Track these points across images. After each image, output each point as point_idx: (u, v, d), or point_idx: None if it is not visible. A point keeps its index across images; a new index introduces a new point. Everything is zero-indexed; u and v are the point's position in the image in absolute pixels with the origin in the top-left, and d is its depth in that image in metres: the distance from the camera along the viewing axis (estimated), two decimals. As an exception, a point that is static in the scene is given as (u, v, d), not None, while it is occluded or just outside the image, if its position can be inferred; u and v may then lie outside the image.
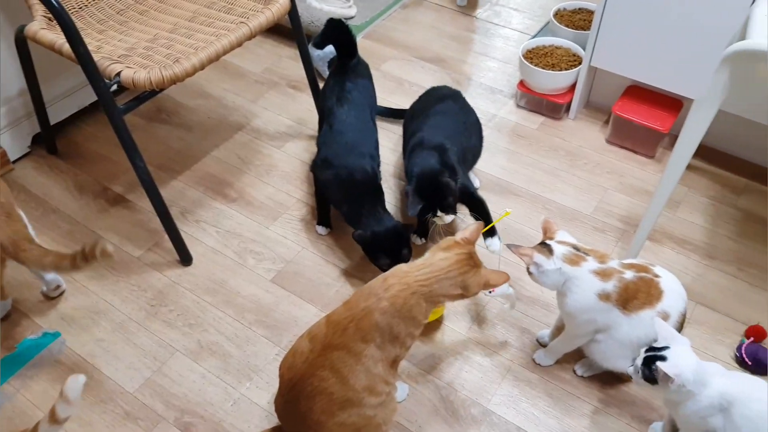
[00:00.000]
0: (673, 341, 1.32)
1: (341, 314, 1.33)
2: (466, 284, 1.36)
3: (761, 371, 1.66)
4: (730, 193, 2.12)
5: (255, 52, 2.68)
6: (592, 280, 1.44)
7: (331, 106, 1.92)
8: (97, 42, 1.80)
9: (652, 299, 1.44)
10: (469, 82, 2.56)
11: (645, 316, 1.43)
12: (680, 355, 1.29)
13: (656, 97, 2.19)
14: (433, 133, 1.85)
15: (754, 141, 2.13)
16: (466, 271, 1.36)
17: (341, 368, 1.29)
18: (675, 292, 1.46)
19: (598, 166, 2.22)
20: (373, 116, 1.98)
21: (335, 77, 1.99)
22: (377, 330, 1.30)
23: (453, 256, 1.36)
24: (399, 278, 1.34)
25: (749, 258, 1.92)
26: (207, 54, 1.69)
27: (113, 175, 2.17)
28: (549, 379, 1.66)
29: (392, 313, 1.30)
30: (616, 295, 1.43)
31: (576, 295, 1.45)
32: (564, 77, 2.27)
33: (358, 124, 1.90)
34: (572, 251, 1.46)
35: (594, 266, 1.45)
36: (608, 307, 1.45)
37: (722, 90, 1.45)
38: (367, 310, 1.31)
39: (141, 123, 2.37)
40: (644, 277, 1.46)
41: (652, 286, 1.45)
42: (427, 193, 1.72)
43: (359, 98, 1.93)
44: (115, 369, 1.68)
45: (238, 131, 2.35)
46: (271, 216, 2.06)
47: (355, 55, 1.99)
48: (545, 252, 1.45)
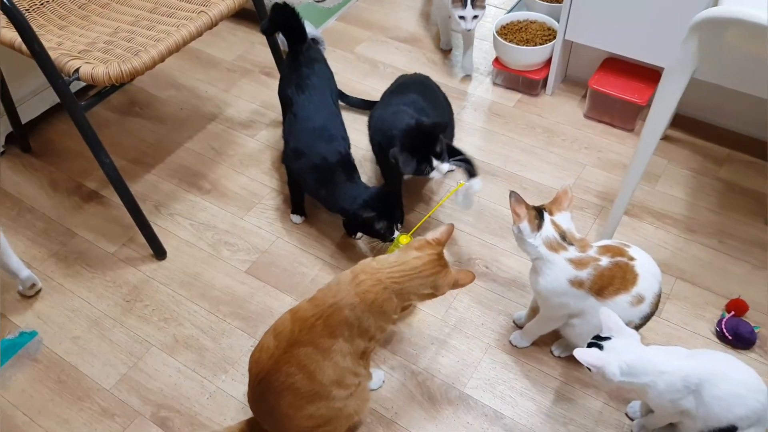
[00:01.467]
0: (617, 333, 1.30)
1: (307, 311, 1.32)
2: (436, 284, 1.37)
3: (742, 346, 1.64)
4: (711, 164, 2.08)
5: (227, 39, 2.65)
6: (566, 267, 1.42)
7: (291, 94, 1.88)
8: (58, 38, 1.78)
9: (627, 284, 1.42)
10: (444, 62, 2.52)
11: (620, 301, 1.42)
12: (616, 348, 1.28)
13: (633, 68, 2.15)
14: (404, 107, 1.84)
15: (733, 108, 2.10)
16: (437, 272, 1.36)
17: (308, 364, 1.28)
18: (650, 273, 1.44)
19: (576, 141, 2.18)
20: (334, 99, 1.95)
21: (290, 65, 1.95)
22: (346, 325, 1.29)
23: (425, 256, 1.36)
24: (370, 274, 1.33)
25: (730, 230, 1.90)
26: (167, 45, 1.65)
27: (87, 172, 2.15)
28: (526, 361, 1.64)
29: (362, 308, 1.30)
30: (590, 282, 1.41)
31: (548, 277, 1.43)
32: (539, 52, 2.22)
33: (322, 109, 1.87)
34: (557, 238, 1.43)
35: (572, 255, 1.43)
36: (582, 294, 1.43)
37: (692, 58, 1.42)
38: (336, 307, 1.30)
39: (113, 117, 2.35)
40: (619, 262, 1.43)
41: (628, 271, 1.42)
42: (416, 147, 1.69)
43: (318, 83, 1.89)
44: (91, 366, 1.68)
45: (211, 121, 2.33)
46: (246, 206, 2.04)
47: (305, 41, 1.95)
48: (534, 223, 1.43)
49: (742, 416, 1.27)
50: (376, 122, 1.88)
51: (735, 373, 1.30)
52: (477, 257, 1.87)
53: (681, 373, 1.27)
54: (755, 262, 1.81)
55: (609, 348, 1.28)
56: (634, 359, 1.27)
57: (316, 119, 1.84)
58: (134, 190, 1.81)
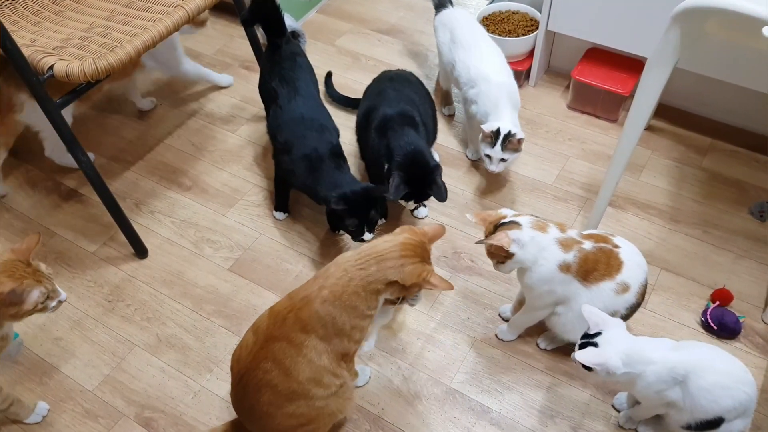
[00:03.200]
0: (605, 326, 1.29)
1: (282, 305, 1.30)
2: (404, 271, 1.24)
3: (727, 335, 1.65)
4: (694, 153, 2.08)
5: (207, 33, 2.61)
6: (556, 250, 1.41)
7: (274, 87, 1.86)
8: (32, 35, 1.74)
9: (612, 270, 1.41)
10: (426, 53, 2.50)
11: (604, 288, 1.41)
12: (610, 341, 1.27)
13: (616, 59, 2.15)
14: (392, 104, 1.82)
15: (716, 98, 2.10)
16: (408, 256, 1.26)
17: (283, 360, 1.26)
18: (635, 263, 1.44)
19: (559, 133, 2.17)
20: (317, 90, 1.92)
21: (270, 59, 1.92)
22: (318, 320, 1.26)
23: (398, 239, 1.28)
24: (339, 265, 1.28)
25: (714, 220, 1.90)
26: (142, 41, 1.62)
27: (65, 170, 2.11)
28: (512, 354, 1.64)
29: (332, 302, 1.25)
30: (576, 266, 1.41)
31: (541, 267, 1.42)
32: (521, 43, 2.21)
33: (309, 100, 1.85)
34: (534, 220, 1.42)
35: (557, 234, 1.42)
36: (568, 279, 1.42)
37: (674, 48, 1.41)
38: (307, 300, 1.26)
39: (92, 114, 2.31)
40: (604, 248, 1.43)
41: (612, 257, 1.42)
42: (413, 179, 1.69)
43: (301, 75, 1.87)
44: (73, 367, 1.65)
45: (191, 117, 2.29)
46: (227, 203, 2.01)
47: (284, 34, 1.92)
48: (514, 226, 1.40)
49: (729, 408, 1.27)
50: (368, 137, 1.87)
51: (721, 365, 1.30)
52: (462, 251, 1.86)
53: (668, 364, 1.26)
54: (739, 252, 1.82)
55: (604, 342, 1.27)
56: (629, 348, 1.26)
57: (303, 110, 1.81)
58: (114, 188, 1.78)
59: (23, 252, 1.42)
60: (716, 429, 1.31)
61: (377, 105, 1.84)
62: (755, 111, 2.04)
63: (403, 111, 1.80)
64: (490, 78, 1.90)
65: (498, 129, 1.82)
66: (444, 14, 2.12)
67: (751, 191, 1.96)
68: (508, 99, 1.89)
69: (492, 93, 1.88)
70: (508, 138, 1.83)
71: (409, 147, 1.71)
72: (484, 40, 2.01)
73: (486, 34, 2.05)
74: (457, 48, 2.00)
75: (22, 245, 1.43)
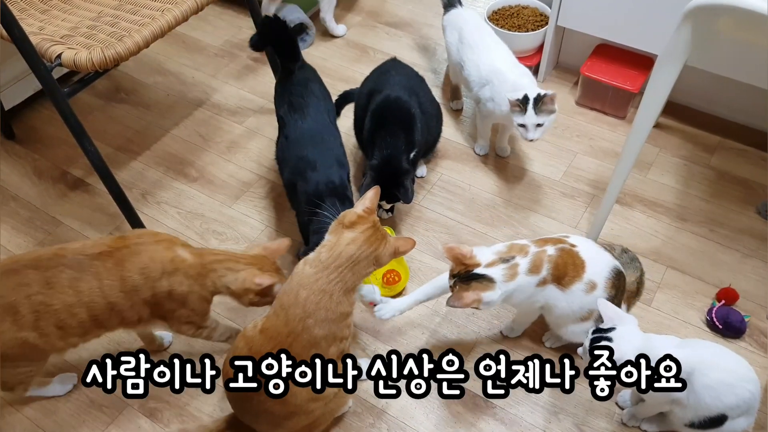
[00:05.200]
0: (619, 321, 1.29)
1: (278, 329, 1.26)
2: (378, 259, 1.29)
3: (732, 335, 1.64)
4: (702, 152, 2.07)
5: (214, 24, 2.61)
6: (529, 280, 1.41)
7: (283, 115, 1.75)
8: (40, 23, 1.73)
9: (579, 271, 1.42)
10: (435, 47, 2.49)
11: (576, 290, 1.42)
12: (624, 336, 1.26)
13: (626, 55, 2.13)
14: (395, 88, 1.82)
15: (725, 96, 2.09)
16: (376, 247, 1.29)
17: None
18: (595, 259, 1.44)
19: (567, 129, 2.17)
20: (332, 119, 1.80)
21: (282, 84, 1.81)
22: (315, 346, 1.25)
23: (360, 237, 1.27)
24: (309, 288, 1.24)
25: (721, 218, 1.89)
26: (151, 30, 1.62)
27: (72, 159, 2.12)
28: (516, 350, 1.64)
29: (321, 323, 1.24)
30: (551, 276, 1.42)
31: (520, 295, 1.43)
32: (530, 38, 2.20)
33: (317, 131, 1.71)
34: (505, 267, 1.39)
35: (525, 266, 1.40)
36: (547, 287, 1.43)
37: (685, 45, 1.41)
38: (304, 325, 1.24)
39: (98, 103, 2.31)
40: (564, 248, 1.44)
41: (575, 257, 1.43)
42: (383, 181, 1.68)
43: (313, 103, 1.75)
44: (79, 356, 1.65)
45: (198, 108, 2.29)
46: (234, 195, 2.01)
47: (298, 59, 1.80)
48: (488, 286, 1.37)
49: (732, 405, 1.27)
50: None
51: (725, 363, 1.30)
52: (467, 245, 1.85)
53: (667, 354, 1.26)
54: (746, 251, 1.81)
55: (618, 338, 1.26)
56: (642, 345, 1.25)
57: (308, 145, 1.68)
58: (120, 178, 1.78)
59: (274, 252, 1.50)
60: (720, 427, 1.31)
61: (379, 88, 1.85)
62: (765, 109, 2.03)
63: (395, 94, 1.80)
64: (504, 73, 1.87)
65: (525, 95, 1.75)
66: (452, 14, 2.09)
67: (758, 190, 1.95)
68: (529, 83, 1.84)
69: (507, 87, 1.83)
70: (540, 99, 1.74)
71: (386, 151, 1.72)
72: (492, 39, 1.98)
73: (494, 35, 2.01)
74: (465, 48, 1.98)
75: (273, 245, 1.51)
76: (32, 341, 1.32)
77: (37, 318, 1.30)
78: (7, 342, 1.30)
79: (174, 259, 1.36)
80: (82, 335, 1.38)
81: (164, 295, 1.37)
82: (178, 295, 1.37)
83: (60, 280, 1.30)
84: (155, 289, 1.35)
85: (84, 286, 1.31)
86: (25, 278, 1.30)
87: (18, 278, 1.30)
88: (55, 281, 1.30)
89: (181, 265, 1.37)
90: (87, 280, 1.31)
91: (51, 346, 1.35)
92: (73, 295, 1.31)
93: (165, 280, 1.35)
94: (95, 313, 1.33)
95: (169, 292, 1.37)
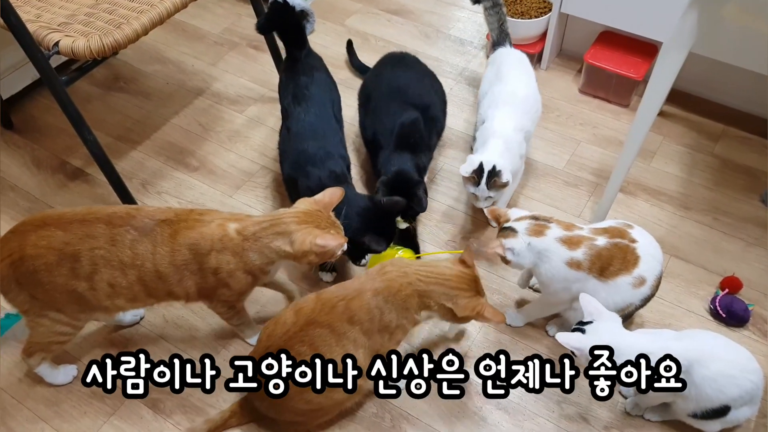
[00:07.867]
0: (599, 317, 1.31)
1: (333, 293, 1.32)
2: (458, 301, 1.33)
3: (736, 323, 1.64)
4: (706, 140, 2.06)
5: (213, 11, 2.58)
6: (559, 248, 1.41)
7: (286, 106, 1.73)
8: (37, 10, 1.72)
9: (628, 265, 1.41)
10: (437, 34, 2.47)
11: (621, 282, 1.41)
12: (599, 330, 1.28)
13: (630, 42, 2.12)
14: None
15: (729, 84, 2.07)
16: (464, 290, 1.34)
17: (320, 346, 1.27)
18: (651, 256, 1.44)
19: (570, 117, 2.15)
20: (336, 111, 1.79)
21: (287, 73, 1.79)
22: (367, 312, 1.28)
23: (456, 270, 1.35)
24: (398, 267, 1.34)
25: (725, 207, 1.88)
26: (150, 17, 1.61)
27: (71, 149, 2.10)
28: (520, 339, 1.64)
29: (385, 296, 1.29)
30: (588, 263, 1.40)
31: (547, 264, 1.43)
32: (534, 25, 2.18)
33: (320, 124, 1.69)
34: (533, 222, 1.43)
35: (559, 234, 1.42)
36: (582, 276, 1.42)
37: (690, 32, 1.40)
38: (360, 290, 1.30)
39: (97, 92, 2.29)
40: (619, 244, 1.42)
41: (628, 252, 1.42)
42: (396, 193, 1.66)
43: (318, 93, 1.73)
44: (80, 348, 1.65)
45: (198, 96, 2.27)
46: (235, 184, 2.00)
47: (304, 46, 1.78)
48: (510, 234, 1.42)
49: (735, 396, 1.28)
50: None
51: (726, 354, 1.31)
52: (471, 236, 1.85)
53: (673, 353, 1.25)
54: (749, 240, 1.80)
55: (591, 331, 1.29)
56: (613, 341, 1.26)
57: (310, 138, 1.66)
58: (120, 168, 1.77)
59: (327, 205, 1.39)
60: (723, 417, 1.31)
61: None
62: (769, 97, 2.02)
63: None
64: (497, 133, 1.71)
65: (480, 165, 1.63)
66: (498, 52, 1.96)
67: (762, 178, 1.94)
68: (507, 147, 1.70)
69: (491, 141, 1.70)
70: (493, 175, 1.63)
71: (394, 167, 1.70)
72: (524, 89, 1.82)
73: (527, 78, 1.86)
74: (494, 86, 1.84)
75: (324, 197, 1.39)
76: (81, 292, 1.33)
77: (94, 271, 1.32)
78: (59, 287, 1.32)
79: (223, 238, 1.34)
80: (130, 300, 1.39)
81: (210, 272, 1.36)
82: (224, 274, 1.36)
83: (123, 239, 1.32)
84: (202, 265, 1.35)
85: (141, 248, 1.32)
86: (95, 231, 1.31)
87: (88, 229, 1.31)
88: (119, 239, 1.31)
89: (230, 243, 1.35)
90: (144, 243, 1.32)
91: (98, 302, 1.36)
92: (130, 256, 1.32)
93: (213, 258, 1.34)
94: (144, 278, 1.34)
95: (215, 270, 1.35)
